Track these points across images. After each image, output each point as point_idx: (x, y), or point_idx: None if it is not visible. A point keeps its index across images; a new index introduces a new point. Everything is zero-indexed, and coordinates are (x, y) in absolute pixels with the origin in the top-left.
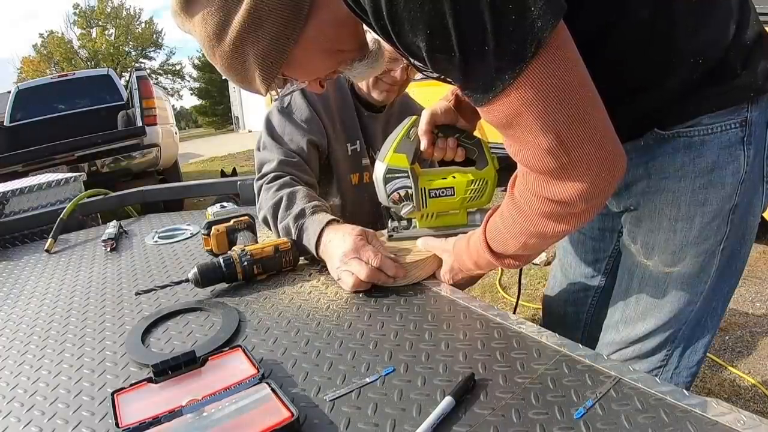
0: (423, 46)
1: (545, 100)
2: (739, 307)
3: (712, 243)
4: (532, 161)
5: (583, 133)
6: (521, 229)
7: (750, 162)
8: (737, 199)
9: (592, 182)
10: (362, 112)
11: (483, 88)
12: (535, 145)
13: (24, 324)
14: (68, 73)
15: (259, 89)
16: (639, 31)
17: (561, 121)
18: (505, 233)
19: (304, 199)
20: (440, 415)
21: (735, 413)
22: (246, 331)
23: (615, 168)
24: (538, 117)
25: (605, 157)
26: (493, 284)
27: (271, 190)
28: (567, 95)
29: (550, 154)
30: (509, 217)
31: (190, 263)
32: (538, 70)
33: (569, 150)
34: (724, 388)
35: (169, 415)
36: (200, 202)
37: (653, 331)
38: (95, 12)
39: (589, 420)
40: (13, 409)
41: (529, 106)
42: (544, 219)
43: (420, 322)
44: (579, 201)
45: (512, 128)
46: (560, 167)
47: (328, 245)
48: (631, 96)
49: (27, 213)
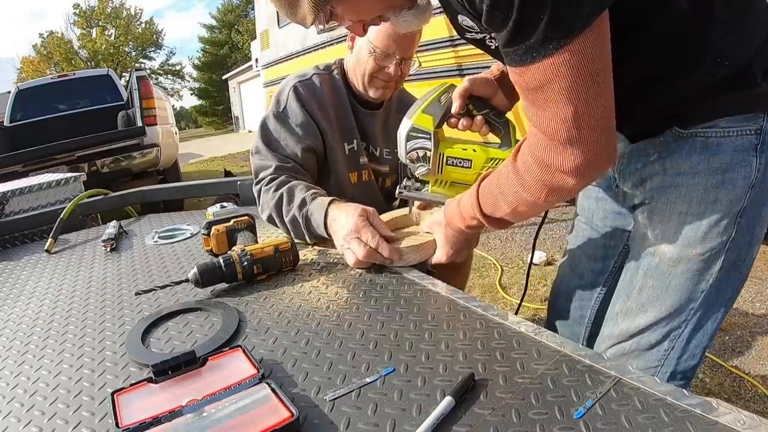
0: (487, 1)
1: (576, 75)
2: (739, 307)
3: (718, 242)
4: (547, 126)
5: (596, 114)
6: (516, 196)
7: (762, 170)
8: (746, 203)
9: (590, 161)
10: (359, 110)
11: (525, 51)
12: (554, 112)
13: (24, 324)
14: (68, 74)
15: (304, 18)
16: (676, 22)
17: (582, 98)
18: (498, 197)
19: (302, 190)
20: (440, 415)
21: (735, 413)
22: (246, 331)
23: (608, 158)
24: (564, 88)
25: (606, 143)
26: (493, 284)
27: (271, 190)
28: (593, 76)
29: (565, 124)
30: (506, 183)
31: (190, 263)
32: (578, 47)
33: (581, 125)
34: (724, 388)
35: (169, 415)
36: (200, 202)
37: (652, 324)
38: (95, 12)
39: (589, 420)
40: (13, 409)
41: (560, 76)
42: (539, 187)
43: (420, 322)
44: (574, 174)
45: (539, 92)
46: (569, 138)
47: (333, 224)
48: (657, 84)
49: (27, 213)
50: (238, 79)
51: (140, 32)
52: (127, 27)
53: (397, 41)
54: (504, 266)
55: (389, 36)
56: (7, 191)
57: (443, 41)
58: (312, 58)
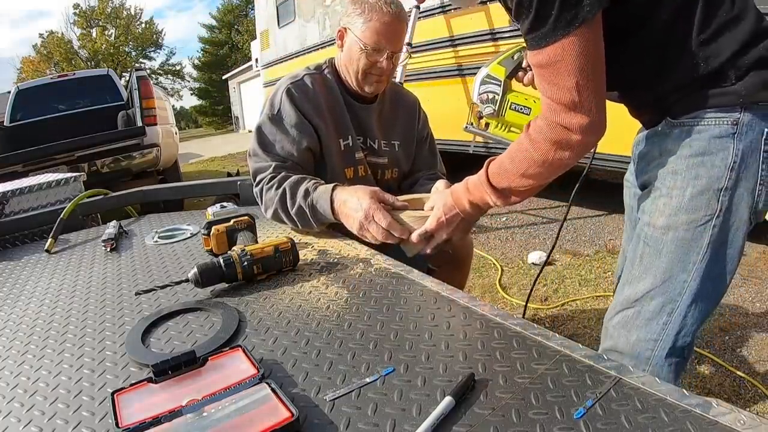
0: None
1: (577, 55)
2: (739, 307)
3: (703, 215)
4: (555, 94)
5: (591, 86)
6: (526, 158)
7: (740, 154)
8: (728, 183)
9: (591, 121)
10: (355, 105)
11: (541, 37)
12: (560, 83)
13: (24, 324)
14: (68, 74)
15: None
16: (661, 30)
17: (582, 73)
18: (508, 166)
19: (304, 182)
20: (440, 415)
21: (735, 413)
22: (246, 331)
23: (601, 123)
24: (569, 64)
25: (599, 111)
26: (493, 284)
27: (273, 188)
28: (589, 58)
29: (569, 92)
30: (517, 150)
31: (190, 263)
32: (580, 36)
33: (581, 93)
34: (724, 388)
35: (169, 415)
36: (200, 202)
37: (650, 290)
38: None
39: (589, 420)
40: (13, 409)
41: (566, 55)
42: (549, 144)
43: (420, 322)
44: (579, 131)
45: (550, 68)
46: (572, 103)
47: (343, 207)
48: (652, 78)
49: (27, 213)
50: (238, 79)
51: (140, 32)
52: (127, 27)
53: (386, 36)
54: (504, 266)
55: (378, 32)
56: (7, 191)
57: (443, 41)
58: (312, 58)
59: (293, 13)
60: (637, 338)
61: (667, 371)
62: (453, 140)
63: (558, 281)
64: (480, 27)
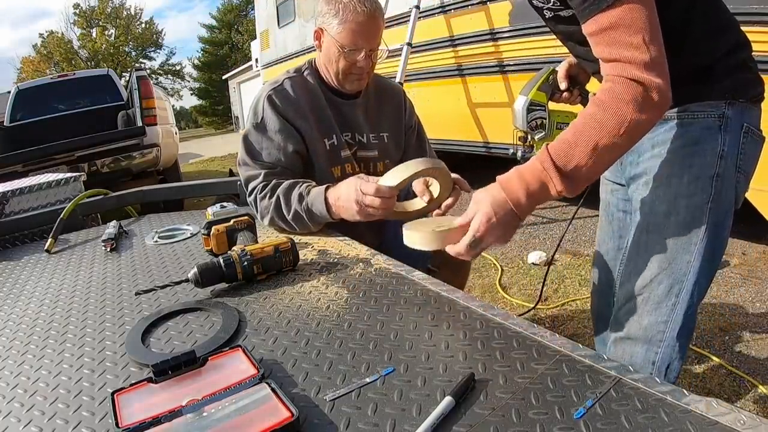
0: None
1: (638, 14)
2: (739, 307)
3: (700, 199)
4: (625, 54)
5: (658, 40)
6: (598, 129)
7: (728, 145)
8: (719, 170)
9: (665, 81)
10: (338, 102)
11: (596, 3)
12: (628, 41)
13: (24, 324)
14: (68, 74)
15: None
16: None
17: (646, 30)
18: (575, 140)
19: (295, 187)
20: (440, 415)
21: (735, 413)
22: (246, 331)
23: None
24: (632, 22)
25: (665, 68)
26: (493, 284)
27: (266, 197)
28: (652, 14)
29: (638, 49)
30: (583, 124)
31: (190, 263)
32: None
33: (650, 50)
34: (724, 388)
35: (169, 415)
36: (200, 202)
37: (657, 275)
38: (95, 12)
39: (589, 420)
40: (13, 409)
41: (632, 11)
42: (624, 104)
43: (420, 322)
44: (656, 89)
45: (612, 31)
46: (644, 61)
47: (338, 202)
48: None
49: (27, 213)
50: (238, 79)
51: (140, 32)
52: (127, 27)
53: (362, 36)
54: (504, 266)
55: (354, 32)
56: (7, 191)
57: (443, 41)
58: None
59: (293, 13)
60: (648, 322)
61: (678, 350)
62: (453, 140)
63: (558, 281)
64: (480, 27)
